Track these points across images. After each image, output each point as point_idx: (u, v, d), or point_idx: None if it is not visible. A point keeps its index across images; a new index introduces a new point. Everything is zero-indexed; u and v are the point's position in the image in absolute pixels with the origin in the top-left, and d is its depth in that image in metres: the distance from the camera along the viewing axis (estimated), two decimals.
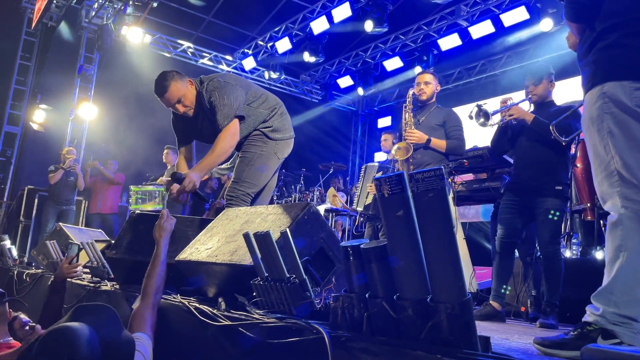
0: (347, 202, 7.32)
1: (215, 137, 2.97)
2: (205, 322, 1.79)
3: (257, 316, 1.66)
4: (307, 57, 9.36)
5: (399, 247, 1.32)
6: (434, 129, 3.91)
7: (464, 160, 4.40)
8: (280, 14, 9.47)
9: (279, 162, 3.20)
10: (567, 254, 4.25)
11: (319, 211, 2.13)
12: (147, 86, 3.59)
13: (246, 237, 1.79)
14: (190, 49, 10.23)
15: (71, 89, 8.96)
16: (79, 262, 2.92)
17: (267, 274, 1.76)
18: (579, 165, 4.07)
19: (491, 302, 3.32)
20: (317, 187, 8.10)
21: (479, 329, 1.27)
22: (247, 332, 1.62)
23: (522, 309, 3.72)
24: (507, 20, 7.60)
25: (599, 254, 3.87)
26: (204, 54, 10.38)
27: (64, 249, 4.17)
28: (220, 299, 1.93)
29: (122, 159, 8.40)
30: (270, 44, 9.92)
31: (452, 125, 3.91)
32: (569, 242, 4.33)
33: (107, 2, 8.60)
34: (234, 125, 2.93)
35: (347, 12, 8.13)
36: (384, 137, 6.02)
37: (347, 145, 12.40)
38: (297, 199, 7.97)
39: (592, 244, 4.10)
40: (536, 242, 3.48)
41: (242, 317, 1.70)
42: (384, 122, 11.92)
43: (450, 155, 3.96)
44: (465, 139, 3.94)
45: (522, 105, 3.43)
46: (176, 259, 2.29)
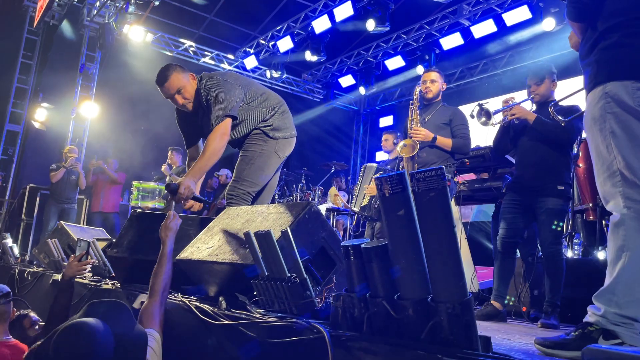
0: (348, 202, 7.32)
1: None
2: (205, 321, 1.79)
3: (257, 315, 1.66)
4: (309, 56, 9.35)
5: (399, 246, 1.32)
6: (439, 128, 3.90)
7: (466, 159, 4.39)
8: (282, 13, 9.46)
9: (280, 161, 3.19)
10: (569, 254, 4.24)
11: (320, 210, 2.13)
12: (149, 85, 3.59)
13: (247, 236, 1.79)
14: (192, 48, 10.23)
15: (73, 87, 8.97)
16: (88, 259, 2.92)
17: (267, 273, 1.76)
18: (581, 165, 4.07)
19: (492, 301, 3.31)
20: (319, 187, 8.10)
21: (480, 328, 1.27)
22: (248, 332, 1.62)
23: (524, 309, 3.71)
24: (509, 19, 7.58)
25: (601, 254, 3.86)
26: (205, 53, 10.38)
27: (66, 248, 4.18)
28: (221, 298, 1.93)
29: (124, 158, 8.41)
30: (272, 43, 9.91)
31: (458, 123, 3.91)
32: (571, 242, 4.32)
33: (109, 1, 8.59)
34: (224, 125, 2.90)
35: (349, 11, 8.12)
36: (384, 137, 6.00)
37: (348, 144, 12.39)
38: (298, 198, 7.97)
39: (593, 244, 4.09)
40: (538, 242, 3.48)
41: (243, 316, 1.70)
42: (385, 121, 11.91)
43: (456, 154, 3.95)
44: (471, 138, 3.94)
45: (525, 104, 3.42)
46: (177, 257, 2.29)
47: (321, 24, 8.67)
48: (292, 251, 1.69)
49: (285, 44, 9.46)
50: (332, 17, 8.45)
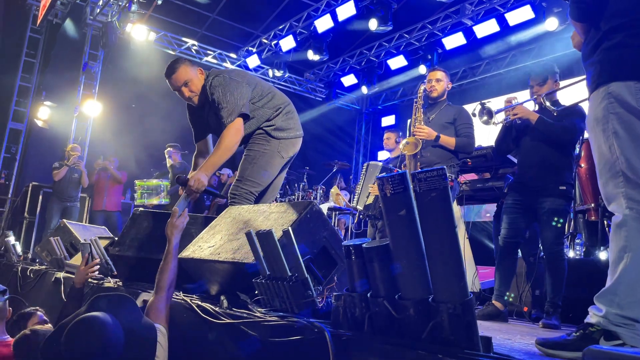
0: (350, 201, 7.32)
1: (219, 129, 3.00)
2: (207, 319, 1.79)
3: (259, 314, 1.66)
4: (311, 56, 9.35)
5: (401, 246, 1.32)
6: (444, 127, 3.88)
7: (468, 159, 4.39)
8: (284, 12, 9.46)
9: (283, 161, 3.18)
10: (571, 254, 4.24)
11: (322, 210, 2.13)
12: (152, 83, 3.60)
13: (248, 235, 1.80)
14: (194, 47, 10.23)
15: (76, 86, 8.98)
16: (94, 259, 2.93)
17: (269, 273, 1.76)
18: (583, 165, 4.06)
19: (494, 301, 3.31)
20: (320, 186, 8.10)
21: (481, 329, 1.27)
22: (249, 331, 1.62)
23: (525, 309, 3.71)
24: (512, 19, 7.56)
25: (603, 255, 3.86)
26: (208, 52, 10.39)
27: (68, 246, 4.19)
28: (222, 297, 1.93)
29: (126, 156, 8.42)
30: (274, 42, 9.91)
31: (462, 122, 3.89)
32: (573, 242, 4.31)
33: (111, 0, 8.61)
34: (238, 122, 2.94)
35: (352, 11, 8.12)
36: (386, 135, 5.99)
37: (350, 143, 12.39)
38: (300, 197, 7.97)
39: (595, 244, 4.09)
40: (539, 242, 3.47)
41: (244, 315, 1.70)
42: (387, 120, 11.90)
43: (459, 153, 3.93)
44: (475, 137, 3.92)
45: (527, 105, 3.41)
46: (179, 256, 2.29)
47: (324, 23, 8.67)
48: (294, 250, 1.69)
49: (287, 43, 9.46)
50: (334, 17, 8.45)
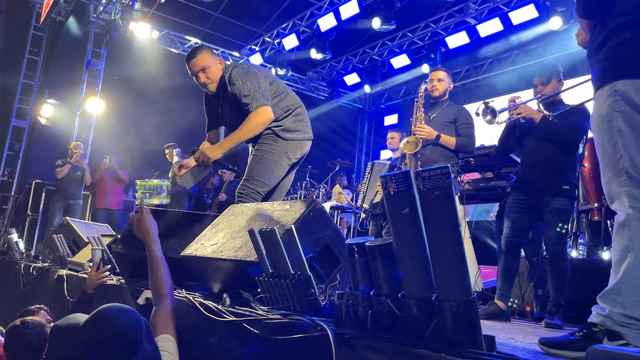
0: (352, 200, 7.32)
1: (230, 122, 3.03)
2: (209, 317, 1.79)
3: (261, 312, 1.66)
4: (314, 54, 9.34)
5: (404, 245, 1.32)
6: (444, 126, 3.89)
7: (471, 158, 4.38)
8: (287, 11, 9.46)
9: (289, 163, 3.14)
10: (574, 253, 4.23)
11: (325, 208, 2.13)
12: (155, 81, 3.60)
13: (251, 233, 1.80)
14: (197, 45, 10.24)
15: (79, 83, 8.99)
16: (105, 266, 2.93)
17: (272, 271, 1.76)
18: (586, 164, 4.05)
19: (496, 301, 3.31)
20: (323, 184, 8.10)
21: (484, 328, 1.27)
22: (252, 328, 1.62)
23: (527, 309, 3.71)
24: (516, 18, 7.54)
25: (606, 254, 3.84)
26: None
27: (71, 243, 4.20)
28: (225, 295, 1.93)
29: (129, 154, 8.42)
30: (277, 41, 9.91)
31: (462, 122, 3.90)
32: (576, 242, 4.30)
33: None
34: (267, 107, 2.98)
35: (355, 9, 8.11)
36: (390, 134, 5.98)
37: (353, 142, 12.38)
38: (302, 196, 7.98)
39: (598, 244, 4.08)
40: (542, 242, 3.47)
41: (247, 313, 1.70)
42: (390, 119, 11.89)
43: (460, 152, 3.94)
44: (475, 137, 3.92)
45: (531, 104, 3.40)
46: (182, 254, 2.29)
47: (327, 22, 8.66)
48: (297, 249, 1.69)
49: (290, 42, 9.46)
50: (337, 15, 8.44)
